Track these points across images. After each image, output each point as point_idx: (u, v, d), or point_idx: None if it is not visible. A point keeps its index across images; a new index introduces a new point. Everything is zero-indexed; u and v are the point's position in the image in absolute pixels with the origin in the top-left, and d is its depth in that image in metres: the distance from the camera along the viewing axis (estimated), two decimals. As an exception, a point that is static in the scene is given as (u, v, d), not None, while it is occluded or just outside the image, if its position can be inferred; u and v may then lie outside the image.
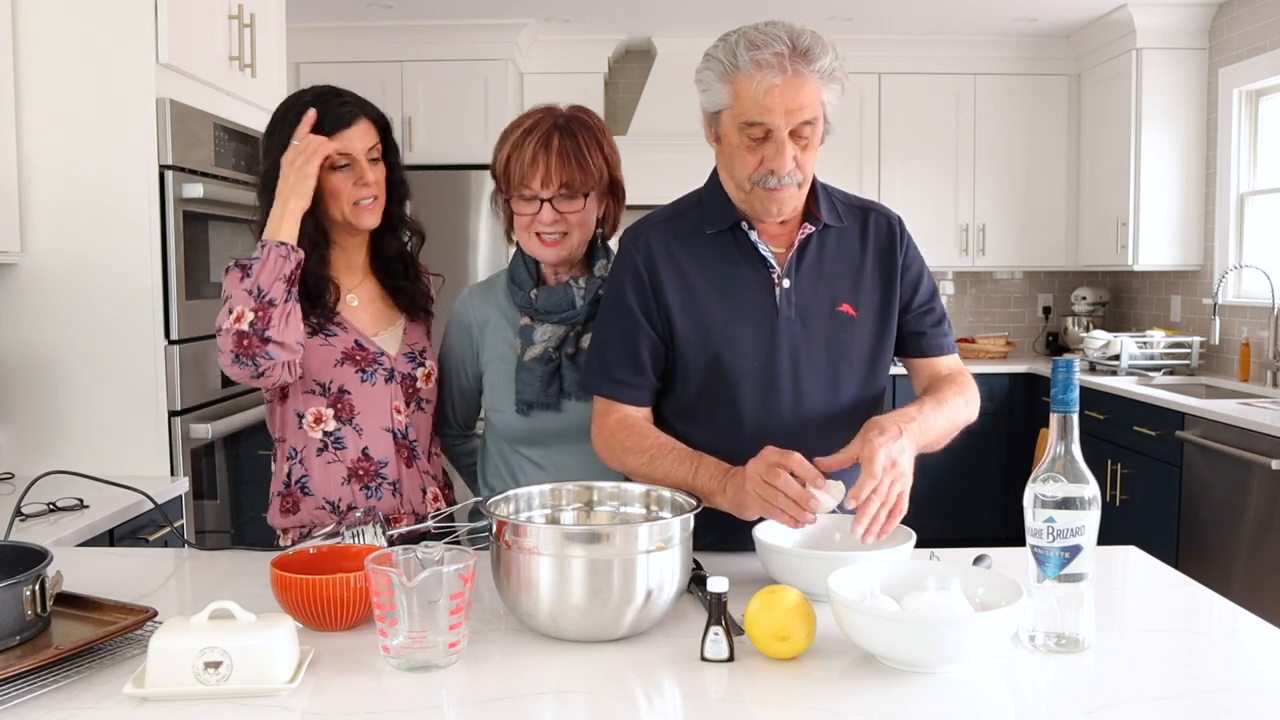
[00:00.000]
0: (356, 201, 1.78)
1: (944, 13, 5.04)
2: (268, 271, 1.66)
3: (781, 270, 1.66)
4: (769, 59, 1.51)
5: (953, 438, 1.64)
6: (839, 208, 1.72)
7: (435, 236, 5.67)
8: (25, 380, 2.58)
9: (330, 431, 1.81)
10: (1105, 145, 5.26)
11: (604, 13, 5.03)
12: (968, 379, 1.72)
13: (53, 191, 2.55)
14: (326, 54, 5.06)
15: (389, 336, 1.87)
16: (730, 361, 1.65)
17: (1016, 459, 5.20)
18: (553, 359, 1.80)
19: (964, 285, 5.96)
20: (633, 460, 1.61)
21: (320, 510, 1.80)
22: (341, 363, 1.81)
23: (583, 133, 1.77)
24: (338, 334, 1.82)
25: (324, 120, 1.74)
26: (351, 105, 1.78)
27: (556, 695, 1.16)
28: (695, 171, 2.21)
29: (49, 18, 2.53)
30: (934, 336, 1.74)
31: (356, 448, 1.81)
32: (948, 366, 1.75)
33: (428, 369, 1.89)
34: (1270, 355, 4.39)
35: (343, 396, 1.81)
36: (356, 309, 1.86)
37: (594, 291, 1.81)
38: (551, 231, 1.78)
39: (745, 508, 1.47)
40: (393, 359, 1.85)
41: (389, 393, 1.83)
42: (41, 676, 1.17)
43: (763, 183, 1.58)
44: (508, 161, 1.77)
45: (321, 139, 1.71)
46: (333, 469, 1.81)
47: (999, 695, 1.16)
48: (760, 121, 1.54)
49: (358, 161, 1.77)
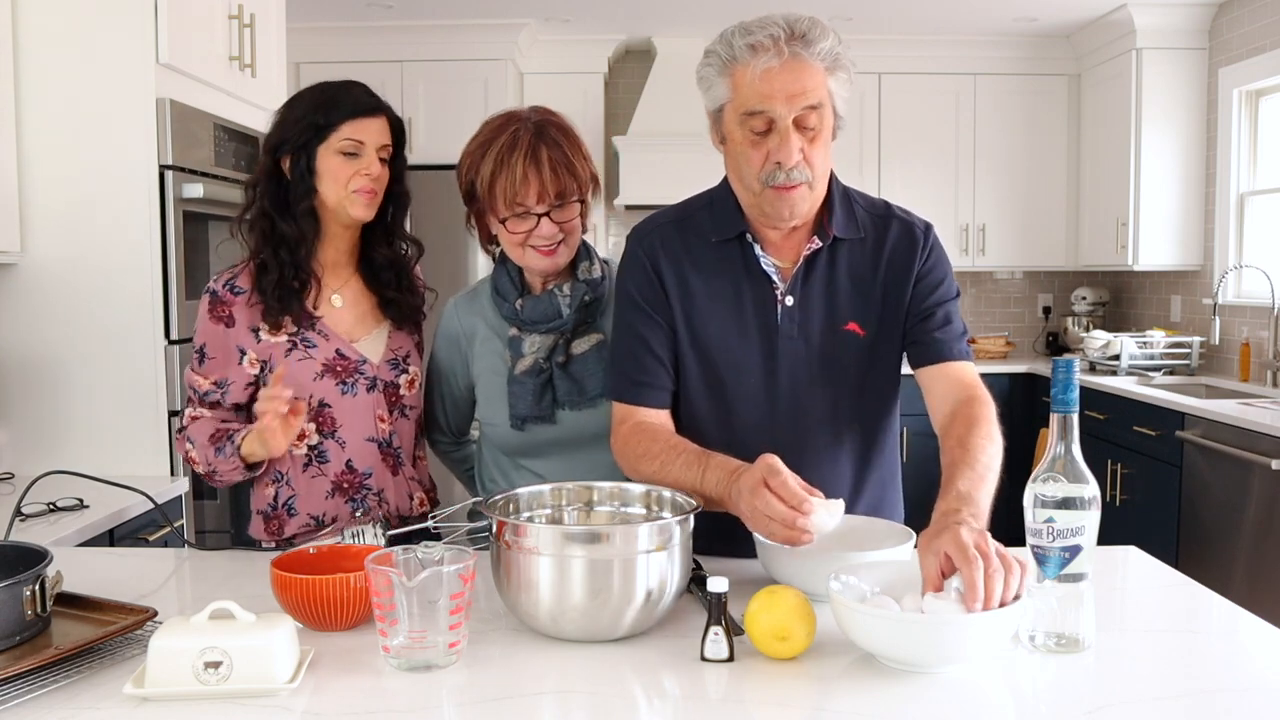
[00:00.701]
0: (351, 188, 1.74)
1: (944, 13, 5.04)
2: (224, 470, 1.74)
3: (785, 286, 1.60)
4: (764, 41, 1.45)
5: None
6: (859, 216, 1.63)
7: (435, 237, 5.67)
8: (25, 380, 2.58)
9: (314, 446, 1.78)
10: (1105, 145, 5.25)
11: (604, 13, 5.03)
12: (986, 402, 1.56)
13: (53, 192, 2.55)
14: (326, 54, 5.05)
15: (371, 341, 1.83)
16: (727, 379, 1.61)
17: (1016, 459, 5.13)
18: (544, 370, 1.76)
19: (964, 285, 5.95)
20: (646, 467, 1.55)
21: (306, 527, 1.78)
22: (321, 376, 1.77)
23: (563, 137, 1.72)
24: (317, 344, 1.78)
25: (346, 102, 1.73)
26: (376, 98, 1.78)
27: (556, 695, 1.16)
28: (695, 171, 2.22)
29: (49, 18, 2.53)
30: (942, 339, 1.61)
31: (340, 460, 1.79)
32: (961, 380, 1.60)
33: (410, 375, 1.85)
34: (1270, 355, 4.39)
35: (323, 410, 1.78)
36: (340, 310, 1.82)
37: (580, 298, 1.76)
38: (549, 243, 1.73)
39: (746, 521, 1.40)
40: (375, 366, 1.81)
41: (371, 402, 1.80)
42: (41, 676, 1.17)
43: (771, 180, 1.50)
44: (493, 180, 1.69)
45: (283, 393, 1.63)
46: (316, 483, 1.79)
47: (999, 695, 1.16)
48: (761, 110, 1.47)
49: (366, 152, 1.74)
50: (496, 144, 1.70)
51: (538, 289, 1.81)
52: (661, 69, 5.42)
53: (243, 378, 1.78)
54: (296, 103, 1.77)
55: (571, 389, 1.76)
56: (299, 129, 1.73)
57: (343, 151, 1.73)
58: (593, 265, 1.81)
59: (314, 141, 1.73)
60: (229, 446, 1.72)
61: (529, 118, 1.73)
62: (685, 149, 4.96)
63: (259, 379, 1.78)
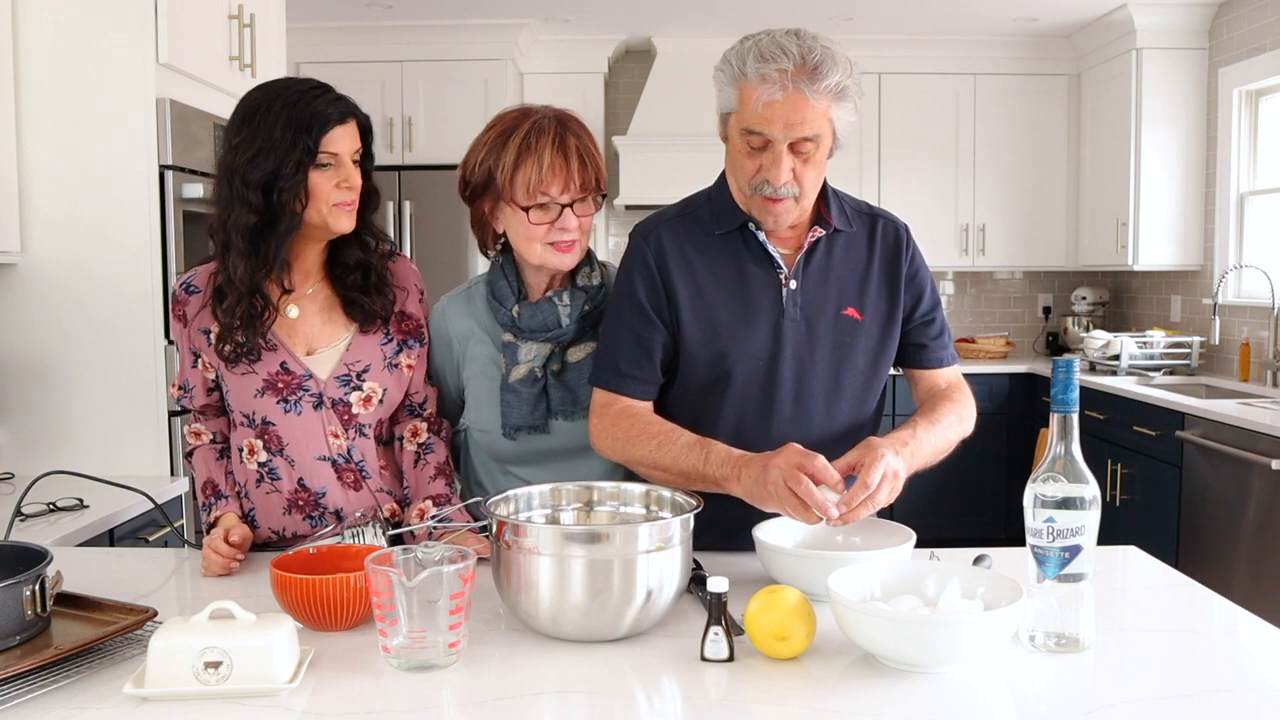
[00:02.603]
0: (333, 201, 1.64)
1: (944, 13, 5.04)
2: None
3: (789, 272, 1.66)
4: (772, 74, 1.51)
5: (945, 455, 1.65)
6: (848, 213, 1.72)
7: (435, 237, 5.63)
8: (25, 380, 2.58)
9: (264, 463, 1.72)
10: (1105, 145, 5.25)
11: (604, 13, 5.03)
12: (965, 394, 1.73)
13: (53, 192, 2.55)
14: (326, 54, 5.06)
15: (325, 356, 1.71)
16: (735, 360, 1.65)
17: (1016, 459, 5.19)
18: (539, 379, 1.73)
19: (964, 285, 5.96)
20: (638, 448, 1.59)
21: (270, 539, 1.75)
22: (261, 393, 1.69)
23: (583, 132, 1.71)
24: (262, 357, 1.68)
25: (321, 115, 1.61)
26: (344, 102, 1.66)
27: (556, 695, 1.16)
28: (695, 171, 2.21)
29: (49, 18, 2.53)
30: (934, 349, 1.75)
31: (291, 479, 1.71)
32: (946, 379, 1.76)
33: (365, 392, 1.71)
34: (1270, 355, 4.39)
35: (268, 428, 1.70)
36: (295, 321, 1.71)
37: (580, 306, 1.73)
38: (572, 237, 1.68)
39: (761, 501, 1.45)
40: (321, 383, 1.70)
41: (319, 420, 1.70)
42: (41, 676, 1.17)
43: (760, 190, 1.59)
44: (515, 167, 1.65)
45: (218, 559, 1.62)
46: (272, 499, 1.73)
47: (999, 695, 1.16)
48: (759, 131, 1.54)
49: (344, 163, 1.64)
50: (519, 132, 1.66)
51: (537, 294, 1.76)
52: (661, 69, 5.42)
53: (201, 383, 1.76)
54: (262, 123, 1.61)
55: (566, 398, 1.74)
56: (291, 156, 1.60)
57: (319, 165, 1.62)
58: (593, 271, 1.78)
59: (307, 164, 1.61)
60: (206, 514, 1.74)
61: (547, 112, 1.71)
62: (685, 149, 4.96)
63: (218, 383, 1.75)
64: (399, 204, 5.03)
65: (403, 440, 1.80)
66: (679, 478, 1.55)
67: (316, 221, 1.65)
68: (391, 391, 1.75)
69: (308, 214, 1.64)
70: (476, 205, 1.75)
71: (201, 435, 1.80)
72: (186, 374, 1.77)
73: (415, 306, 1.79)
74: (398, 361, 1.76)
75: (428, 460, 1.78)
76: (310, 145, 1.61)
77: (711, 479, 1.51)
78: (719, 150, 1.68)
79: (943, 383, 1.75)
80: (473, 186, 1.73)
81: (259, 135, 1.61)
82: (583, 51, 5.46)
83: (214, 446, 1.80)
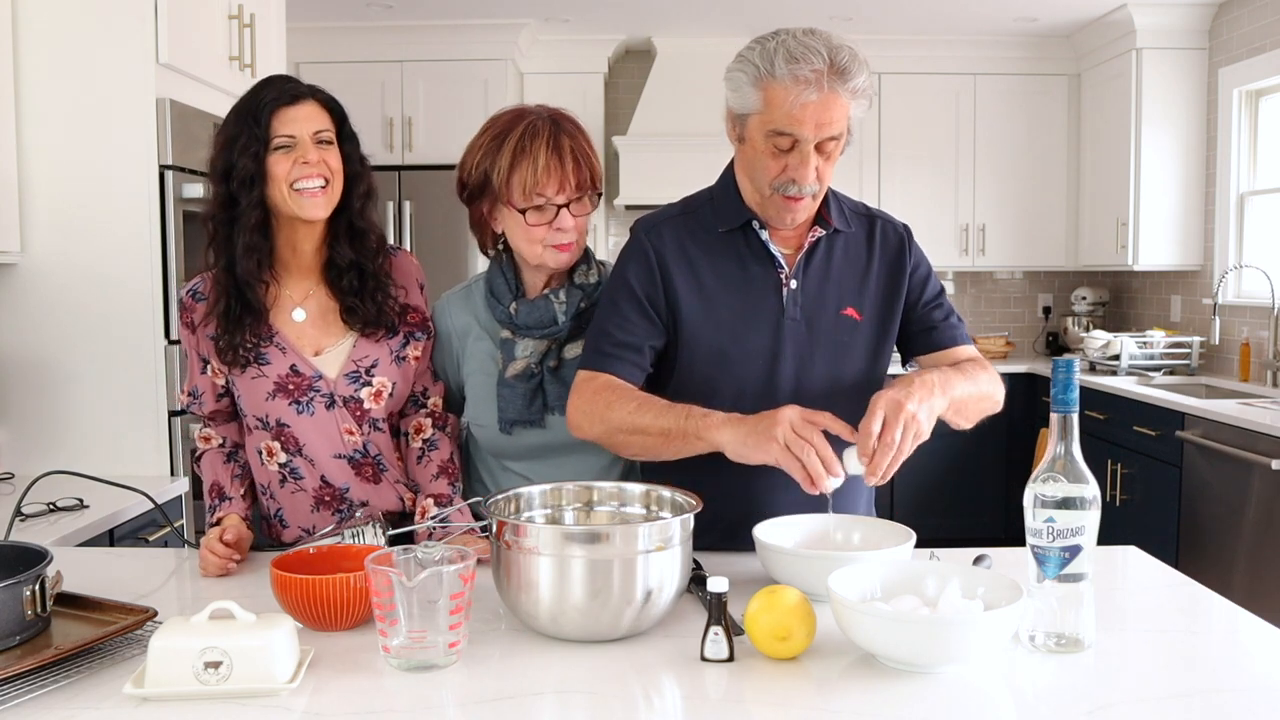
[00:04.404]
0: (295, 185, 1.62)
1: (944, 13, 5.04)
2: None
3: (790, 271, 1.67)
4: (808, 75, 1.51)
5: (984, 416, 1.65)
6: (847, 213, 1.73)
7: (435, 237, 5.63)
8: (25, 380, 2.58)
9: (284, 463, 1.74)
10: (1105, 145, 5.25)
11: (604, 13, 5.03)
12: (988, 363, 1.72)
13: (53, 192, 2.55)
14: (326, 54, 5.05)
15: (333, 355, 1.72)
16: (734, 357, 1.66)
17: (1016, 459, 5.19)
18: (535, 374, 1.74)
19: (964, 285, 5.96)
20: (618, 412, 1.57)
21: (301, 537, 1.76)
22: (273, 396, 1.70)
23: (577, 131, 1.72)
24: (271, 360, 1.69)
25: (267, 100, 1.63)
26: (293, 83, 1.66)
27: (556, 695, 1.16)
28: (695, 171, 2.22)
29: (49, 18, 2.53)
30: (945, 329, 1.73)
31: (314, 476, 1.74)
32: (966, 355, 1.73)
33: (375, 387, 1.72)
34: (1270, 355, 4.39)
35: (283, 430, 1.72)
36: (301, 324, 1.72)
37: (576, 304, 1.75)
38: (570, 237, 1.70)
39: (764, 449, 1.43)
40: (331, 383, 1.71)
41: (332, 419, 1.71)
42: (41, 676, 1.17)
43: (783, 189, 1.59)
44: (511, 169, 1.66)
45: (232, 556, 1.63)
46: (298, 498, 1.76)
47: (999, 695, 1.16)
48: (789, 133, 1.54)
49: (302, 142, 1.63)
50: (514, 134, 1.67)
51: (534, 292, 1.78)
52: (661, 69, 5.42)
53: (210, 389, 1.76)
54: (226, 124, 1.67)
55: (562, 393, 1.73)
56: (240, 141, 1.62)
57: (278, 148, 1.62)
58: (590, 270, 1.79)
59: (263, 150, 1.62)
60: (210, 515, 1.74)
61: (541, 112, 1.72)
62: (685, 149, 4.96)
63: (227, 389, 1.76)
64: (399, 204, 5.03)
65: (407, 436, 1.81)
66: (659, 437, 1.54)
67: (282, 206, 1.65)
68: (400, 384, 1.77)
69: (271, 197, 1.65)
70: (475, 207, 1.77)
71: (211, 439, 1.81)
72: (196, 380, 1.77)
73: (418, 299, 1.80)
74: (405, 354, 1.77)
75: (431, 458, 1.79)
76: (259, 130, 1.62)
77: (693, 432, 1.50)
78: (719, 150, 1.68)
79: (963, 357, 1.72)
80: (470, 189, 1.74)
81: (222, 134, 1.66)
82: (583, 51, 5.46)
83: (222, 450, 1.80)
